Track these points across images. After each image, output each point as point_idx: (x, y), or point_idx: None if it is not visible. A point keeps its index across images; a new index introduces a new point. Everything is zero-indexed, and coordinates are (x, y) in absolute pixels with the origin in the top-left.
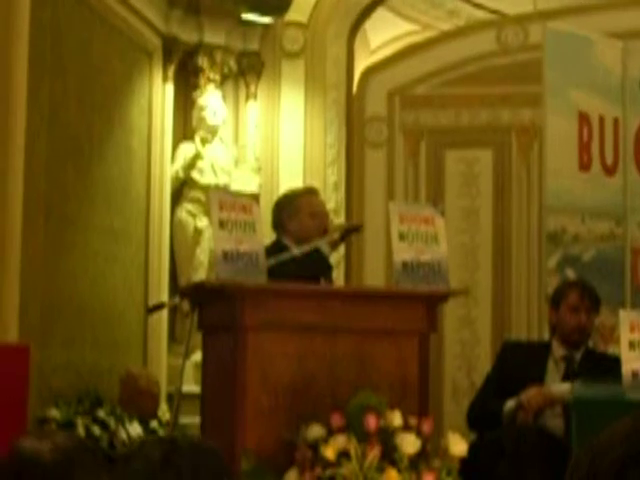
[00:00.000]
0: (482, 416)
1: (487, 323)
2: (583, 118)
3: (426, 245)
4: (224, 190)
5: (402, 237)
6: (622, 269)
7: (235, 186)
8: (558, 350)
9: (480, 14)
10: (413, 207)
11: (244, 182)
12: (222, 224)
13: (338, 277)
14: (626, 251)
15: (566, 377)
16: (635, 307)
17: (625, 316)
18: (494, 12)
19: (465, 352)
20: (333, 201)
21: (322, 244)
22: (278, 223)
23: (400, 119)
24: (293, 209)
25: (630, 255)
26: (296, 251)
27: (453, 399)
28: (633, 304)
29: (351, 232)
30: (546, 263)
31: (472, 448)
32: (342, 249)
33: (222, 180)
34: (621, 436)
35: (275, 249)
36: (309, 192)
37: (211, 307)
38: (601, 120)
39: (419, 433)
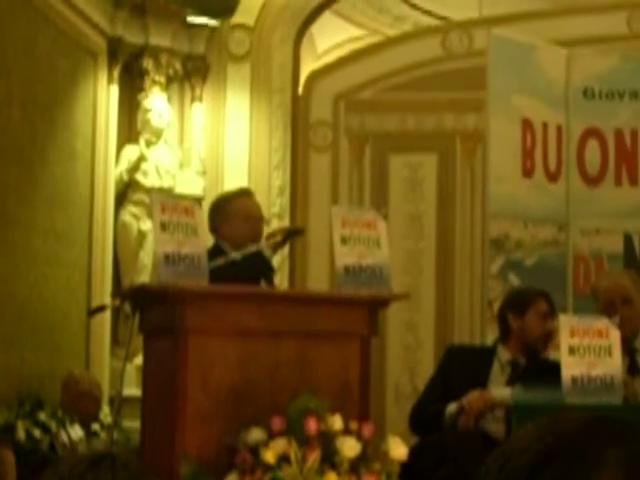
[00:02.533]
0: (424, 419)
1: (430, 328)
2: (526, 124)
3: (368, 249)
4: (167, 193)
5: (344, 241)
6: (564, 275)
7: (180, 189)
8: (504, 354)
9: (427, 20)
10: (355, 211)
11: (189, 185)
12: (164, 227)
13: (282, 281)
14: (568, 257)
15: (511, 381)
16: (577, 313)
17: (566, 321)
18: (440, 18)
19: (408, 356)
20: (278, 205)
21: (264, 247)
22: (213, 227)
23: (345, 123)
24: (225, 213)
25: (572, 261)
26: (235, 254)
27: (396, 403)
28: (575, 310)
29: (293, 235)
30: (489, 268)
31: (413, 452)
32: (286, 251)
33: (166, 183)
34: (530, 440)
35: (214, 253)
36: (243, 195)
37: (152, 310)
38: (544, 127)
39: (359, 437)
